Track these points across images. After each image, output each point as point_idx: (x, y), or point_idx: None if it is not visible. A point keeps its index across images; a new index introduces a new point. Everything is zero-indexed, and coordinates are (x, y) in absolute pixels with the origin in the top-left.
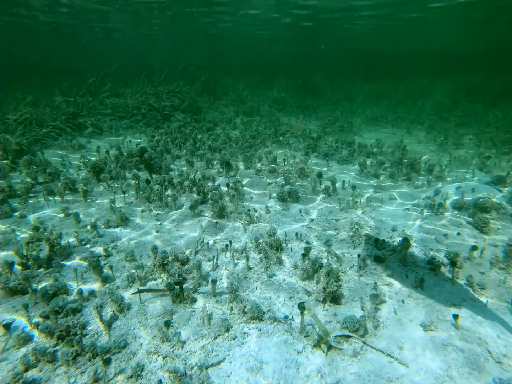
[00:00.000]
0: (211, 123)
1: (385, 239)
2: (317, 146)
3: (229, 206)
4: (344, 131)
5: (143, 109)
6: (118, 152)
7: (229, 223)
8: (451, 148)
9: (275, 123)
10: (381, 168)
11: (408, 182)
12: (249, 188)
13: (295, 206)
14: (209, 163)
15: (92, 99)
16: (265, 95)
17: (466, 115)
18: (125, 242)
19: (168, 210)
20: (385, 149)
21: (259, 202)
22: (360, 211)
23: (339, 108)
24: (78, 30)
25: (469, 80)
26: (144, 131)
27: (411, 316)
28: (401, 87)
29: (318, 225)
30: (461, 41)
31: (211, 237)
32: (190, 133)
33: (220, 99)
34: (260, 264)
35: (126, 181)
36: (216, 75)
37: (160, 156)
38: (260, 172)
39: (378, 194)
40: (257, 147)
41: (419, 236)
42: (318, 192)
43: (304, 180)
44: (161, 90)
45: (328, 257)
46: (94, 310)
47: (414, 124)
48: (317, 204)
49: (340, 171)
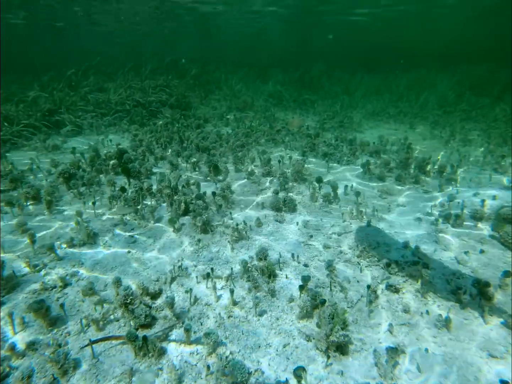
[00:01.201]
0: (201, 119)
1: (398, 261)
2: (315, 145)
3: (215, 217)
4: (344, 127)
5: (127, 105)
6: (95, 154)
7: (214, 240)
8: (459, 145)
9: (270, 119)
10: (386, 169)
11: (417, 186)
12: (239, 196)
13: (291, 216)
14: (196, 166)
15: (73, 95)
16: (260, 89)
17: (471, 110)
18: (89, 267)
19: (145, 224)
20: (389, 147)
21: (250, 212)
22: (365, 223)
23: (338, 103)
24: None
25: (473, 73)
26: (128, 129)
27: (438, 373)
28: (403, 80)
29: (317, 241)
30: (464, 31)
31: (192, 258)
32: (178, 131)
33: (212, 93)
34: (249, 295)
35: (100, 189)
36: (208, 68)
37: (142, 158)
38: (252, 175)
39: (384, 199)
40: (250, 146)
41: (435, 254)
42: (318, 199)
43: (301, 185)
44: (148, 84)
45: (331, 286)
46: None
47: (418, 119)
48: (317, 214)
49: (341, 174)
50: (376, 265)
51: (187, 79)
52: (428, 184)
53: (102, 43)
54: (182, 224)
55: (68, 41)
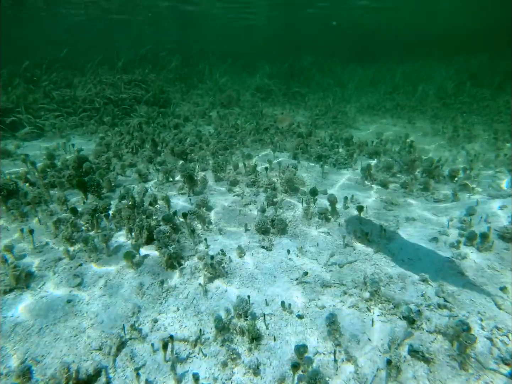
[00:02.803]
0: (180, 118)
1: (419, 308)
2: (308, 146)
3: (187, 244)
4: (338, 124)
5: (96, 103)
6: (50, 163)
7: (183, 279)
8: (464, 142)
9: (257, 115)
10: (390, 174)
11: (426, 194)
12: (218, 213)
13: (281, 241)
14: (169, 175)
15: (35, 91)
16: (247, 82)
17: (472, 102)
18: (8, 327)
19: (97, 257)
20: (389, 145)
21: (230, 237)
22: (371, 248)
23: (330, 96)
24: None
25: (472, 62)
26: (97, 131)
27: None
28: (398, 71)
29: (314, 276)
30: (460, 18)
31: (152, 309)
32: (153, 132)
33: (195, 88)
34: (223, 373)
35: (49, 208)
36: (190, 61)
37: (106, 167)
38: (235, 185)
39: (390, 212)
40: (234, 148)
41: (464, 293)
42: (312, 215)
43: (293, 197)
44: (121, 79)
45: (335, 354)
46: None
47: (416, 113)
48: (312, 237)
49: (338, 180)
50: (392, 314)
51: (166, 72)
52: (439, 192)
53: (71, 33)
54: (144, 256)
55: (31, 30)
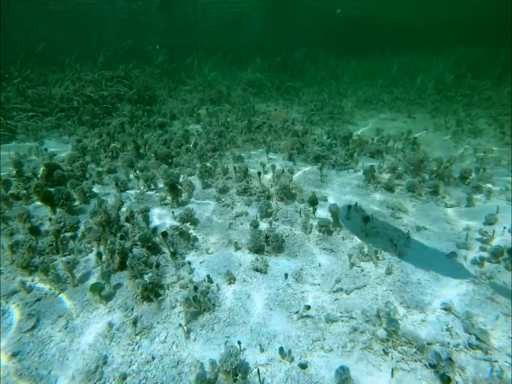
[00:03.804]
0: (167, 116)
1: (451, 357)
2: (304, 146)
3: (168, 269)
4: (335, 119)
5: (75, 101)
6: (17, 171)
7: (161, 316)
8: (468, 137)
9: (249, 112)
10: (394, 175)
11: (437, 198)
12: (205, 227)
13: (278, 261)
14: (151, 182)
15: (8, 89)
16: (238, 77)
17: (474, 94)
18: None
19: (59, 289)
20: (391, 143)
21: (219, 257)
22: (382, 268)
23: (325, 90)
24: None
25: (472, 54)
26: (74, 132)
27: None
28: (394, 63)
29: (317, 307)
30: (456, 6)
31: (119, 361)
32: (136, 132)
33: (183, 83)
34: None
35: (9, 226)
36: (178, 55)
37: (80, 175)
38: (224, 193)
39: (398, 220)
40: (223, 150)
41: (498, 329)
42: (312, 228)
43: (289, 205)
44: (102, 75)
45: None
46: None
47: (415, 106)
48: (313, 255)
49: (338, 184)
50: (415, 360)
51: (152, 67)
52: (450, 196)
53: (49, 26)
54: (117, 286)
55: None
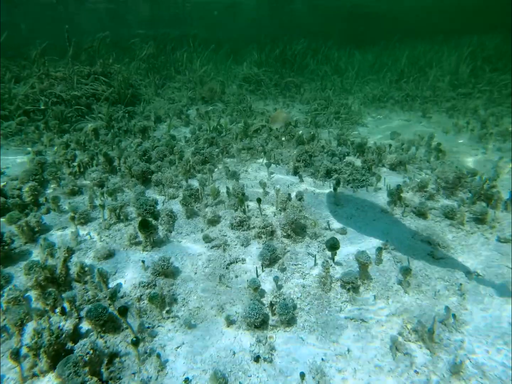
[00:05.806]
0: (150, 119)
1: None
2: (311, 156)
3: (129, 363)
4: (342, 120)
5: (42, 102)
6: None
7: None
8: (497, 141)
9: (246, 113)
10: (425, 195)
11: (484, 229)
12: (186, 283)
13: (288, 341)
14: (120, 213)
15: None
16: (233, 72)
17: (493, 90)
18: None
19: None
20: (412, 150)
21: (204, 338)
22: (442, 358)
23: (328, 86)
24: None
25: (487, 44)
26: (39, 139)
27: None
28: (403, 55)
29: None
30: None
31: None
32: (112, 140)
33: (172, 80)
34: None
35: None
36: (166, 48)
37: (31, 200)
38: (215, 226)
39: (439, 262)
40: (215, 161)
41: None
42: (332, 284)
43: (298, 243)
44: (75, 71)
45: None
46: None
47: (430, 104)
48: (338, 331)
49: (358, 210)
50: None
51: (137, 62)
52: (500, 225)
53: (14, 13)
54: None
55: None
